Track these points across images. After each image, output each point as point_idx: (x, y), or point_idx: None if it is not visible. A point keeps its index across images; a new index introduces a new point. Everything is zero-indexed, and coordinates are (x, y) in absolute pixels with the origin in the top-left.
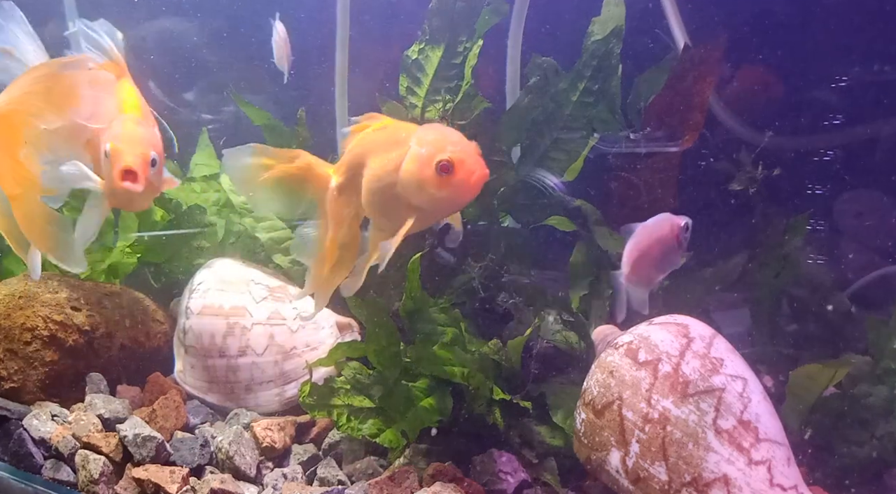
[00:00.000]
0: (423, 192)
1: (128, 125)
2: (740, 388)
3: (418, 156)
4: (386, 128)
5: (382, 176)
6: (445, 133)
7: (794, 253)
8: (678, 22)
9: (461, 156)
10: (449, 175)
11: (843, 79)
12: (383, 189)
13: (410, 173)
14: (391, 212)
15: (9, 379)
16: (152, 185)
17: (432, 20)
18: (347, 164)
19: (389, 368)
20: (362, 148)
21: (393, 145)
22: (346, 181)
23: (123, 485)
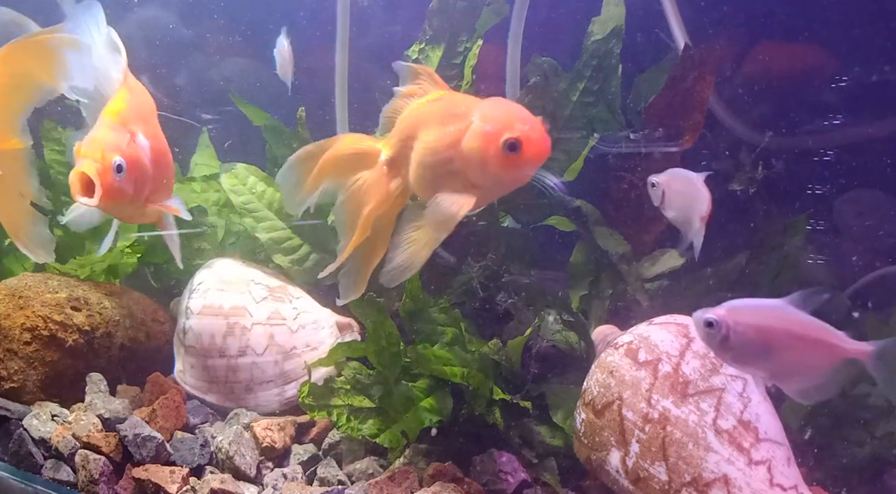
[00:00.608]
0: (486, 170)
1: (97, 129)
2: (740, 388)
3: (483, 131)
4: (442, 98)
5: (438, 150)
6: (512, 108)
7: (794, 253)
8: (678, 22)
9: (529, 133)
10: (516, 153)
11: (843, 79)
12: (438, 164)
13: (473, 150)
14: (444, 188)
15: (9, 379)
16: (120, 192)
17: (432, 20)
18: (398, 137)
19: (389, 368)
20: (414, 119)
21: (451, 118)
22: (396, 154)
23: (123, 485)
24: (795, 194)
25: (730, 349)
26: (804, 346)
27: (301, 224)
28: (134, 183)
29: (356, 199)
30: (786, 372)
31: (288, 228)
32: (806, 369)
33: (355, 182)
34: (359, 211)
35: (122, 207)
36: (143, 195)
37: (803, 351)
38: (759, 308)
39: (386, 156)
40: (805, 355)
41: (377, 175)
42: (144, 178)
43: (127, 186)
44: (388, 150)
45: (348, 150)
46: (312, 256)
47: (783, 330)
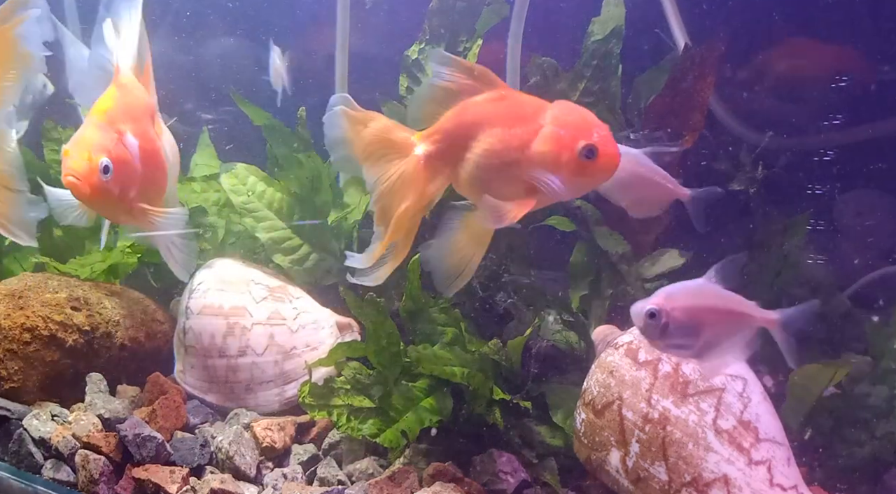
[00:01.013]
0: (564, 173)
1: (84, 127)
2: (740, 388)
3: (557, 137)
4: (505, 98)
5: (502, 153)
6: (585, 114)
7: (794, 253)
8: (678, 22)
9: (605, 141)
10: (591, 160)
11: (843, 78)
12: (501, 167)
13: (545, 155)
14: (503, 191)
15: (9, 379)
16: (107, 193)
17: (432, 20)
18: (445, 133)
19: (389, 368)
20: (471, 118)
21: (517, 120)
22: (438, 150)
23: (123, 485)
24: (795, 194)
25: (668, 335)
26: (727, 320)
27: (301, 224)
28: (121, 184)
29: (391, 194)
30: (711, 348)
31: (288, 228)
32: (726, 341)
33: (389, 174)
34: (394, 206)
35: (109, 207)
36: (128, 195)
37: (726, 325)
38: (689, 290)
39: (424, 150)
40: (727, 328)
41: (413, 169)
42: (131, 179)
43: (114, 187)
44: (427, 144)
45: (383, 136)
46: (312, 256)
47: (710, 308)
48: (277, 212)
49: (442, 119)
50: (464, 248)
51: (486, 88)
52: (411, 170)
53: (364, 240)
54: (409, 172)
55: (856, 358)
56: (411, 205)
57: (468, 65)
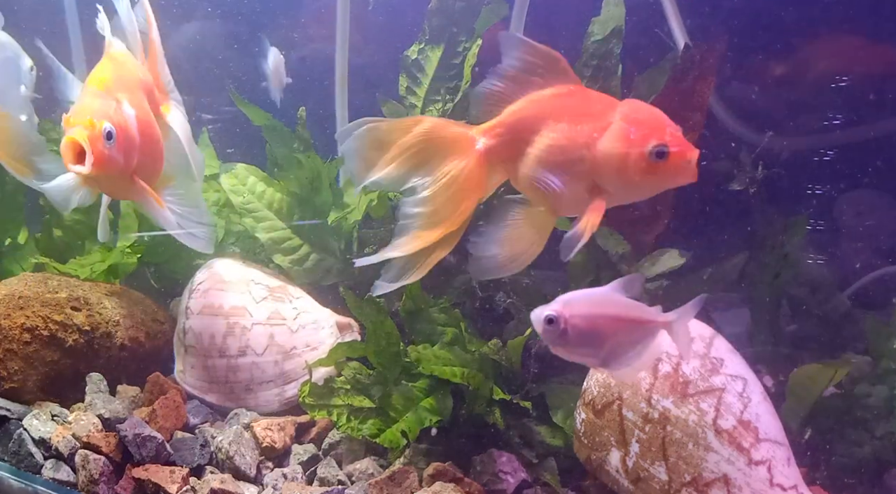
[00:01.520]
0: (624, 176)
1: (83, 96)
2: (740, 388)
3: (626, 135)
4: (573, 93)
5: (567, 149)
6: (657, 112)
7: (794, 253)
8: (678, 22)
9: (678, 141)
10: (662, 161)
11: (843, 78)
12: (564, 164)
13: (613, 153)
14: (565, 190)
15: (9, 378)
16: (111, 161)
17: (432, 20)
18: (508, 127)
19: (389, 368)
20: (535, 112)
21: (585, 116)
22: (498, 145)
23: (123, 485)
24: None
25: (567, 341)
26: (628, 327)
27: (301, 224)
28: (124, 152)
29: (450, 190)
30: (614, 355)
31: (288, 228)
32: (629, 348)
33: (447, 171)
34: (452, 202)
35: (112, 179)
36: (131, 166)
37: (628, 332)
38: (589, 298)
39: (484, 144)
40: (630, 335)
41: (473, 165)
42: (132, 148)
43: (117, 155)
44: (488, 139)
45: (436, 135)
46: (312, 256)
47: (610, 316)
48: (277, 212)
49: (505, 112)
50: (520, 242)
51: (556, 80)
52: (472, 166)
53: (364, 239)
54: (469, 168)
55: (856, 358)
56: (469, 201)
57: (543, 50)
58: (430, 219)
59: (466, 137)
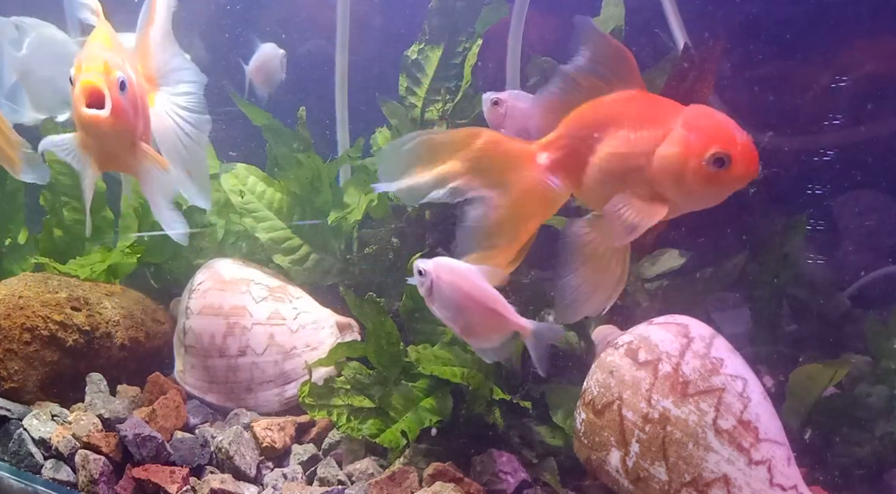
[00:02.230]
0: (683, 185)
1: (91, 47)
2: (740, 388)
3: (686, 141)
4: (635, 98)
5: (628, 156)
6: (720, 118)
7: (794, 253)
8: (678, 22)
9: (741, 149)
10: (723, 170)
11: (843, 79)
12: (625, 172)
13: (672, 160)
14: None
15: (9, 378)
16: (124, 112)
17: (432, 20)
18: (568, 138)
19: (389, 368)
20: (597, 117)
21: (646, 121)
22: (561, 158)
23: (123, 485)
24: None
25: (433, 299)
26: (483, 312)
27: (301, 224)
28: (133, 109)
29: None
30: (470, 330)
31: (288, 228)
32: (485, 331)
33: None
34: (517, 219)
35: (115, 141)
36: (138, 127)
37: (483, 316)
38: (456, 269)
39: (548, 158)
40: (484, 320)
41: (536, 181)
42: (138, 107)
43: (129, 107)
44: (550, 152)
45: (496, 150)
46: (312, 256)
47: (468, 294)
48: (277, 212)
49: (564, 122)
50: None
51: (621, 83)
52: (535, 183)
53: (364, 239)
54: (532, 185)
55: (856, 358)
56: (534, 219)
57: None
58: (493, 239)
59: (528, 152)
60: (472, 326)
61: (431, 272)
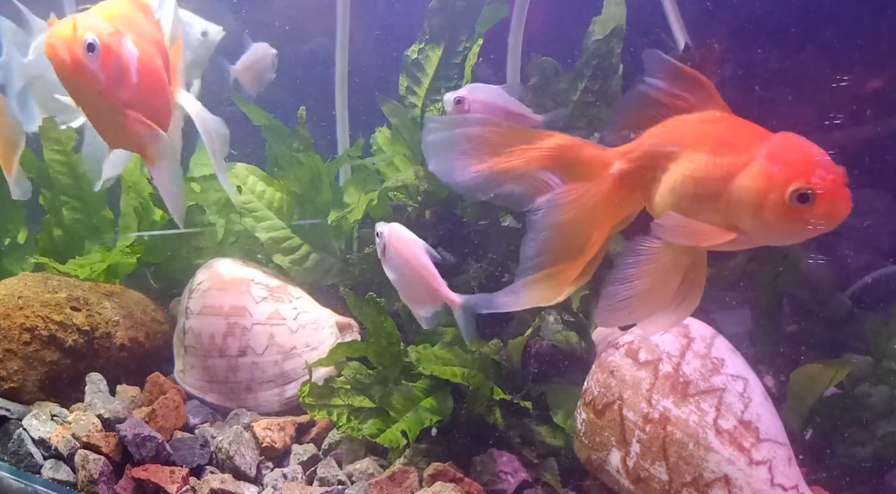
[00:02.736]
0: (761, 219)
1: (80, 15)
2: (741, 388)
3: (768, 173)
4: (720, 121)
5: (704, 181)
6: (810, 150)
7: (794, 253)
8: (678, 22)
9: (828, 185)
10: (805, 207)
11: (843, 79)
12: (700, 197)
13: (750, 192)
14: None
15: (9, 379)
16: (88, 73)
17: (432, 19)
18: (645, 152)
19: (389, 368)
20: (675, 137)
21: (727, 147)
22: (634, 170)
23: (123, 485)
24: None
25: (385, 261)
26: (419, 281)
27: (301, 224)
28: (107, 74)
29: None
30: (408, 296)
31: (288, 228)
32: (420, 299)
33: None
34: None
35: (95, 100)
36: (118, 95)
37: (419, 285)
38: (405, 239)
39: (619, 168)
40: (420, 288)
41: (606, 190)
42: (122, 78)
43: (98, 71)
44: (624, 163)
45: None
46: (312, 256)
47: (408, 262)
48: (277, 211)
49: (644, 135)
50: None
51: (704, 105)
52: (605, 191)
53: (364, 239)
54: (602, 193)
55: (856, 358)
56: (602, 229)
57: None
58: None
59: (602, 159)
60: (410, 292)
61: (385, 236)
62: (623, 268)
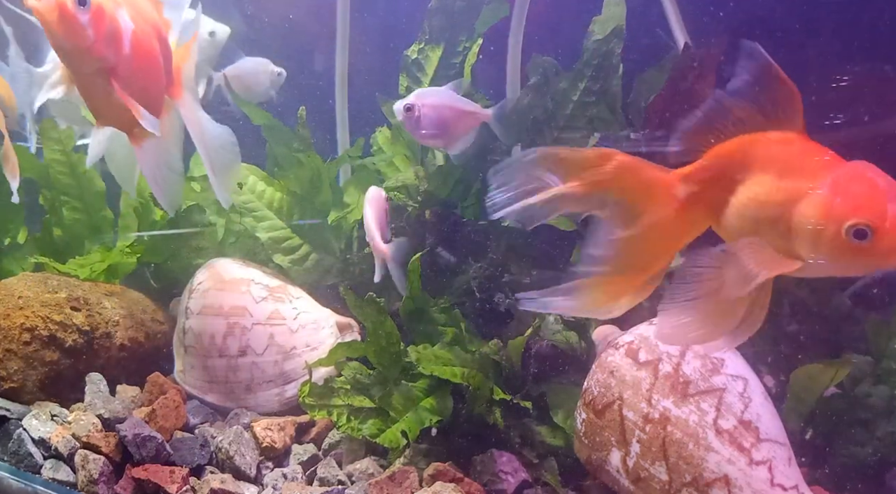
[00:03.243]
0: (819, 250)
1: None
2: (741, 388)
3: (828, 204)
4: (791, 143)
5: (767, 205)
6: (875, 184)
7: None
8: (678, 22)
9: (889, 224)
10: (864, 243)
11: (843, 79)
12: (764, 221)
13: (808, 222)
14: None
15: (9, 379)
16: (77, 27)
17: (432, 19)
18: (712, 171)
19: (389, 368)
20: (743, 157)
21: (795, 172)
22: (701, 192)
23: (123, 485)
24: None
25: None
26: (462, 116)
27: (301, 224)
28: (97, 32)
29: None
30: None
31: (288, 228)
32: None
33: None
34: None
35: (82, 58)
36: (107, 59)
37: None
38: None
39: (686, 191)
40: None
41: (671, 213)
42: (113, 43)
43: (88, 28)
44: (689, 185)
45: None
46: (312, 256)
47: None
48: (277, 211)
49: (710, 154)
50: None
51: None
52: (670, 214)
53: (364, 239)
54: (666, 216)
55: (856, 358)
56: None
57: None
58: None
59: (666, 181)
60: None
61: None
62: (685, 288)
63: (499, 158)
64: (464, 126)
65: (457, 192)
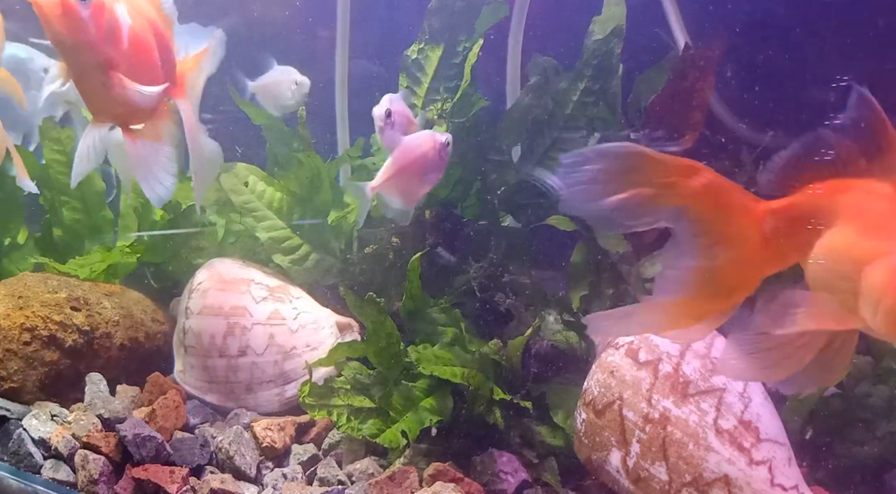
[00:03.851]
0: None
1: None
2: (741, 388)
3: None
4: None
5: (843, 260)
6: None
7: None
8: (678, 22)
9: None
10: None
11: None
12: (832, 274)
13: (872, 285)
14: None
15: (8, 379)
16: (79, 21)
17: (432, 20)
18: (800, 211)
19: (389, 368)
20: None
21: (876, 230)
22: (787, 228)
23: (123, 485)
24: None
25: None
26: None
27: (301, 223)
28: (98, 27)
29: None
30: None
31: (288, 228)
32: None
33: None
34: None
35: (81, 52)
36: (106, 53)
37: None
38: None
39: (772, 226)
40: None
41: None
42: (113, 38)
43: (89, 23)
44: (775, 221)
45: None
46: (312, 256)
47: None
48: (277, 211)
49: (801, 193)
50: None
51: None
52: (751, 247)
53: (364, 239)
54: (747, 248)
55: (856, 358)
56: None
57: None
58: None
59: (753, 212)
60: None
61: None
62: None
63: (499, 158)
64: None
65: (457, 192)
